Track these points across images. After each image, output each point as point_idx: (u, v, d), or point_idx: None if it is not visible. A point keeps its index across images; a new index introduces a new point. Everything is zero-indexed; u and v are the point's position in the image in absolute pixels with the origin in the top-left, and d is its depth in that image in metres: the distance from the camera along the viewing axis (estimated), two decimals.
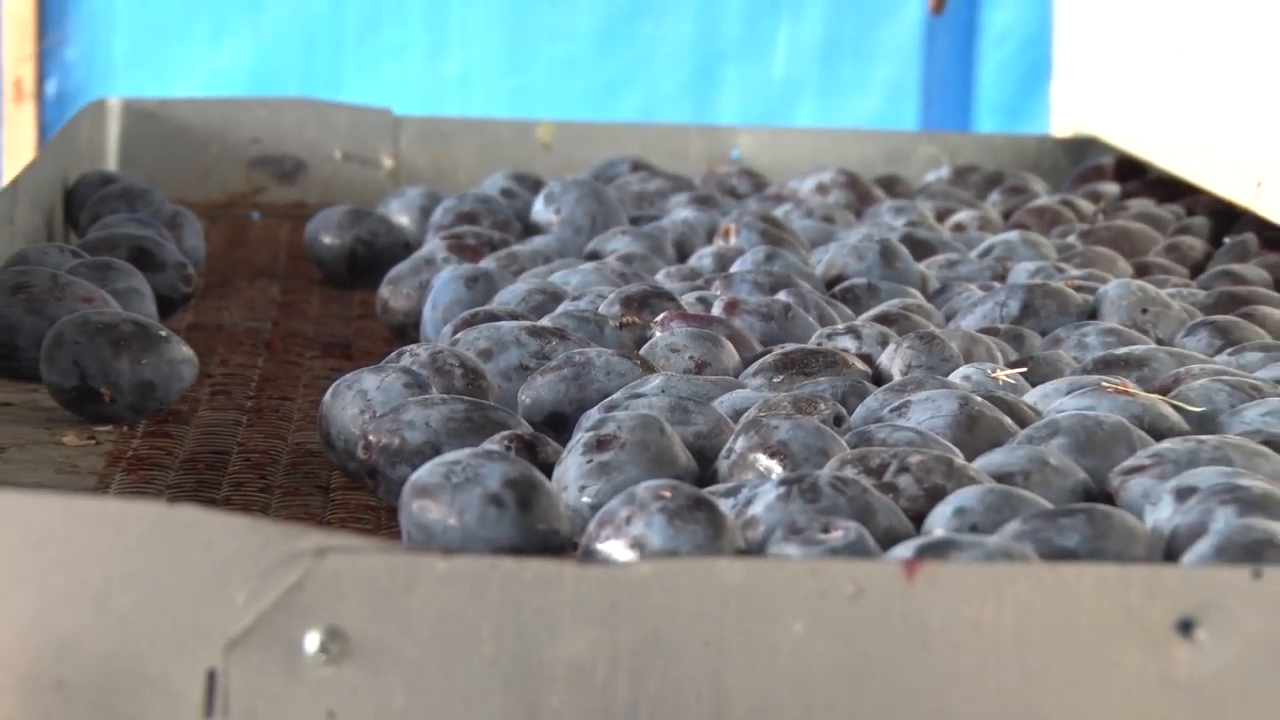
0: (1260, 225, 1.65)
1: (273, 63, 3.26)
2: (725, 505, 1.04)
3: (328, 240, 1.69)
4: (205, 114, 1.95)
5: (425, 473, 1.07)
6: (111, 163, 1.90)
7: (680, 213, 1.69)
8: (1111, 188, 1.88)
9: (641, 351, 1.32)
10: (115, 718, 0.86)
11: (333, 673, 0.86)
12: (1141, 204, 1.81)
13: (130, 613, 0.86)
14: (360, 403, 1.22)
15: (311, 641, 0.86)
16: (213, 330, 1.54)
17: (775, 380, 1.27)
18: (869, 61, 3.31)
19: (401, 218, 1.74)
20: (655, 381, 1.24)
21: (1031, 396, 1.27)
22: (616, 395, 1.23)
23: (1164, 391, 1.26)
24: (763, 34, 3.31)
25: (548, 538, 1.05)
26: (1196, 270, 1.64)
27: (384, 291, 1.54)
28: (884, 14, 3.30)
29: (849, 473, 1.09)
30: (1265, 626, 0.88)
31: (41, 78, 3.29)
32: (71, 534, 0.87)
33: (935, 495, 1.08)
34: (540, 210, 1.69)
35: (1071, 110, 2.03)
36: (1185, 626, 0.87)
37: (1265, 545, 0.99)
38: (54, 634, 0.86)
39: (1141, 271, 1.60)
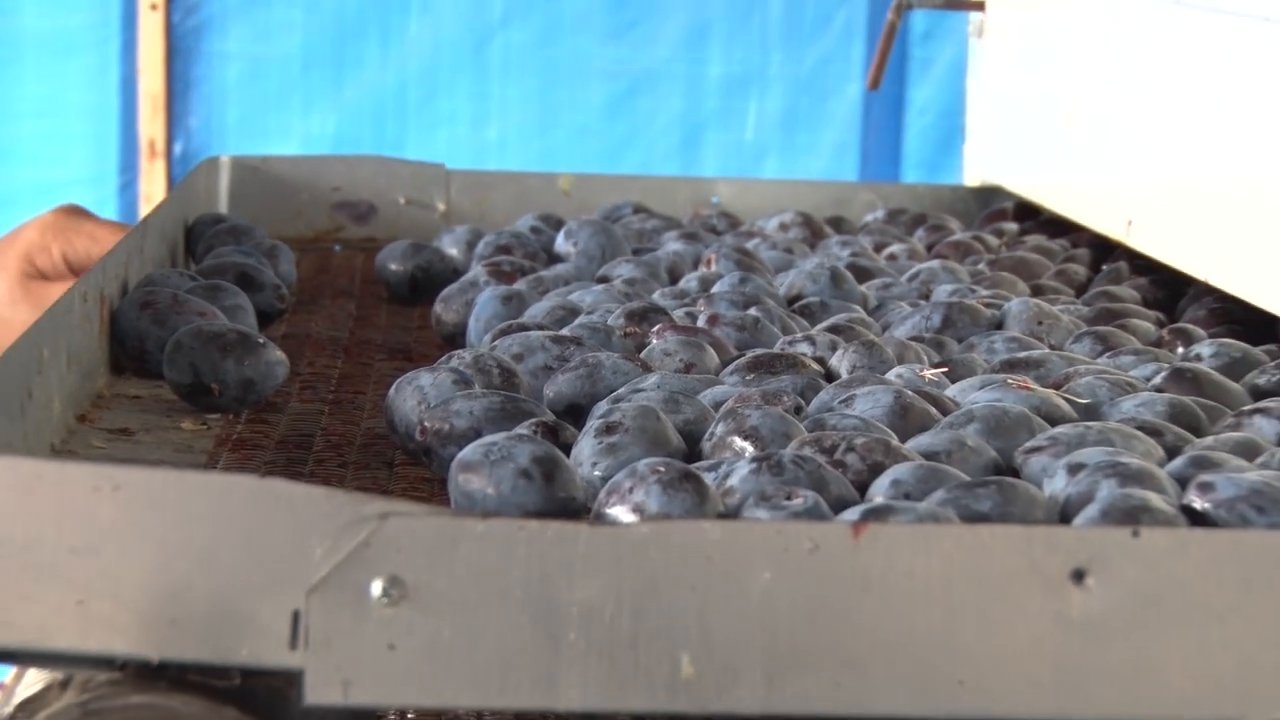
0: (1130, 255, 1.65)
1: (351, 129, 3.26)
2: (708, 478, 1.03)
3: (393, 267, 1.68)
4: (297, 168, 1.94)
5: (469, 452, 1.06)
6: (223, 206, 1.89)
7: (672, 245, 1.68)
8: (1012, 226, 1.87)
9: (641, 355, 1.31)
10: (217, 649, 0.85)
11: (393, 613, 0.85)
12: (1036, 239, 1.80)
13: (230, 564, 0.85)
14: (418, 396, 1.21)
15: (376, 587, 0.85)
16: (301, 338, 1.53)
17: (747, 378, 1.26)
18: (819, 128, 3.31)
19: (451, 250, 1.73)
20: (652, 379, 1.23)
21: (952, 391, 1.26)
22: (621, 390, 1.22)
23: (1057, 387, 1.26)
24: (736, 107, 3.31)
25: (566, 504, 1.04)
26: (1080, 291, 1.63)
27: (437, 308, 1.53)
28: (831, 92, 3.30)
29: (807, 452, 1.08)
30: (1141, 574, 0.87)
31: (170, 140, 3.28)
32: (185, 501, 0.86)
33: (876, 470, 1.07)
34: (561, 243, 1.68)
35: (979, 165, 2.01)
36: (1078, 575, 0.86)
37: (1141, 510, 0.98)
38: (169, 581, 0.86)
39: (1037, 292, 1.59)
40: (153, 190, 3.23)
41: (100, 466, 0.86)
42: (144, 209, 3.02)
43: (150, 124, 3.27)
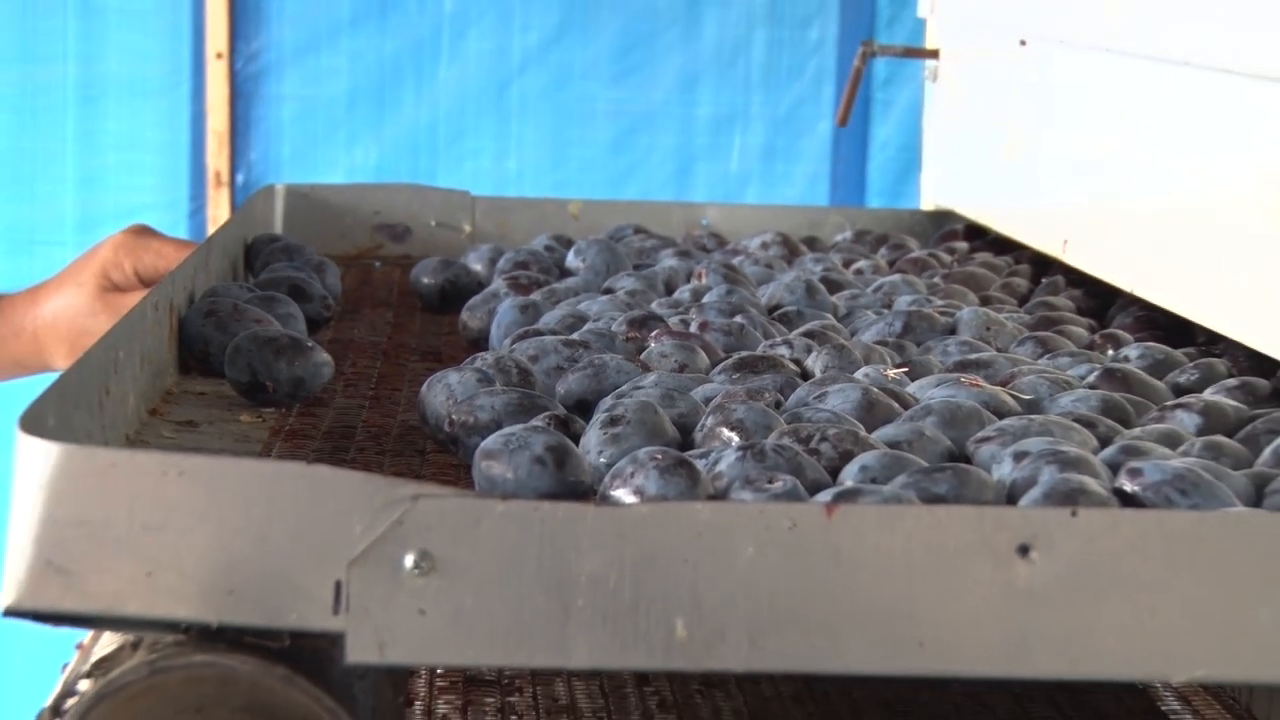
0: (1066, 270, 1.64)
1: (389, 161, 3.25)
2: (700, 464, 1.02)
3: (426, 281, 1.67)
4: (342, 195, 1.94)
5: (491, 441, 1.05)
6: (277, 227, 1.88)
7: (667, 261, 1.67)
8: (962, 245, 1.86)
9: (641, 357, 1.30)
10: (269, 615, 0.85)
11: (423, 582, 0.84)
12: (983, 256, 1.79)
13: (281, 540, 0.85)
14: (446, 392, 1.20)
15: (408, 560, 0.84)
16: (345, 342, 1.52)
17: (733, 377, 1.25)
18: (794, 160, 3.30)
19: (476, 265, 1.72)
20: (650, 378, 1.22)
21: (912, 388, 1.25)
22: (624, 387, 1.21)
23: (1003, 384, 1.25)
24: (722, 142, 3.30)
25: (576, 487, 1.03)
26: (1023, 301, 1.62)
27: (464, 316, 1.52)
28: (804, 129, 3.30)
29: (785, 441, 1.07)
30: (1079, 550, 0.86)
31: (233, 171, 3.27)
32: (241, 484, 0.85)
33: (846, 457, 1.06)
34: (571, 260, 1.67)
35: (934, 192, 2.01)
36: (1023, 550, 0.86)
37: (1078, 492, 0.98)
38: (227, 555, 0.85)
39: (984, 302, 1.58)
40: (218, 214, 3.22)
41: (167, 455, 0.86)
42: (210, 230, 3.01)
43: (216, 157, 3.26)
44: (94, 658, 0.91)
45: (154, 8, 3.21)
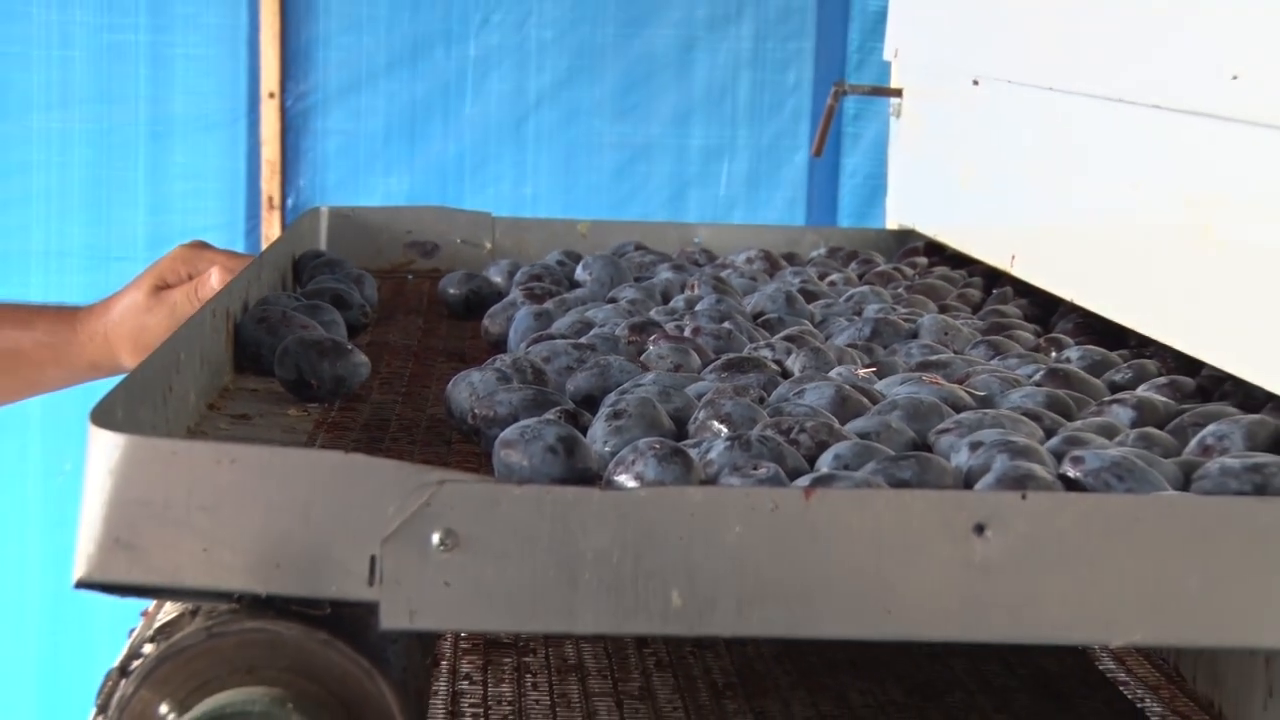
0: (1014, 282, 1.63)
1: (420, 186, 3.25)
2: (693, 453, 1.01)
3: (452, 291, 1.66)
4: (378, 216, 1.93)
5: (508, 433, 1.03)
6: (322, 244, 1.87)
7: (664, 274, 1.66)
8: (923, 260, 1.85)
9: (641, 358, 1.29)
10: (311, 586, 0.84)
11: (448, 557, 0.83)
12: (941, 270, 1.78)
13: (322, 519, 0.84)
14: (469, 389, 1.19)
15: (435, 538, 0.83)
16: (381, 345, 1.51)
17: (722, 376, 1.24)
18: (776, 187, 3.29)
19: (496, 278, 1.71)
20: (649, 376, 1.21)
21: (880, 386, 1.24)
22: (626, 385, 1.20)
23: (960, 382, 1.24)
24: (712, 170, 3.30)
25: (584, 473, 1.02)
26: (976, 309, 1.61)
27: (485, 322, 1.51)
28: (784, 159, 3.29)
29: (769, 433, 1.06)
30: (1028, 528, 0.85)
31: (284, 196, 3.26)
32: (288, 471, 0.84)
33: (822, 447, 1.05)
34: (580, 273, 1.66)
35: (897, 213, 2.00)
36: (979, 529, 0.85)
37: (1027, 478, 0.96)
38: (274, 533, 0.84)
39: (943, 310, 1.57)
40: (270, 233, 3.22)
41: (222, 444, 0.85)
42: (263, 247, 3.00)
43: (269, 184, 3.25)
44: (157, 624, 0.90)
45: (214, 54, 3.21)
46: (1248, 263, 1.14)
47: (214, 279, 1.53)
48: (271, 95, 3.24)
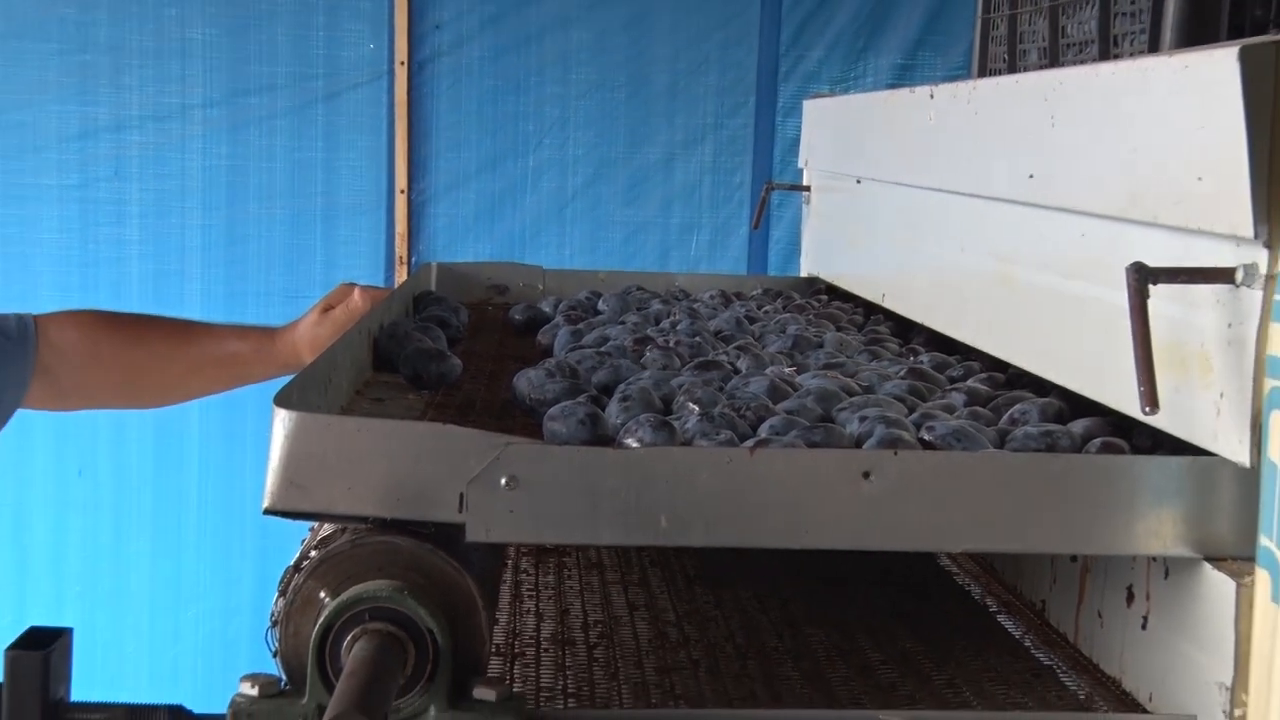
0: (885, 311, 1.60)
1: (498, 249, 3.23)
2: (676, 424, 0.98)
3: (517, 317, 1.63)
4: (470, 268, 1.90)
5: (552, 410, 1.00)
6: (432, 285, 1.84)
7: (656, 306, 1.63)
8: (825, 297, 1.81)
9: (641, 361, 1.26)
10: (421, 512, 0.81)
11: (512, 494, 0.81)
12: (837, 303, 1.75)
13: (428, 469, 0.80)
14: (527, 382, 1.16)
15: (503, 481, 0.81)
16: (470, 353, 1.48)
17: (695, 373, 1.20)
18: (727, 250, 3.28)
19: (546, 308, 1.68)
20: (647, 373, 1.18)
21: (800, 380, 1.20)
22: (631, 379, 1.16)
23: (851, 376, 1.20)
24: (686, 240, 3.28)
25: (603, 438, 0.99)
26: (860, 329, 1.57)
27: (539, 337, 1.48)
28: (733, 232, 3.27)
29: (726, 410, 1.02)
30: (898, 474, 0.83)
31: (410, 256, 3.24)
32: (405, 436, 0.81)
33: (761, 420, 1.02)
34: (601, 304, 1.63)
35: (808, 266, 1.97)
36: (866, 475, 0.82)
37: (898, 440, 0.93)
38: (396, 477, 0.81)
39: (839, 329, 1.54)
40: (399, 279, 3.19)
41: (361, 419, 0.83)
42: (395, 288, 2.98)
43: (400, 247, 3.24)
44: (319, 536, 0.87)
45: (366, 165, 3.22)
46: (1037, 299, 1.11)
47: (356, 294, 1.51)
48: (402, 191, 3.24)
